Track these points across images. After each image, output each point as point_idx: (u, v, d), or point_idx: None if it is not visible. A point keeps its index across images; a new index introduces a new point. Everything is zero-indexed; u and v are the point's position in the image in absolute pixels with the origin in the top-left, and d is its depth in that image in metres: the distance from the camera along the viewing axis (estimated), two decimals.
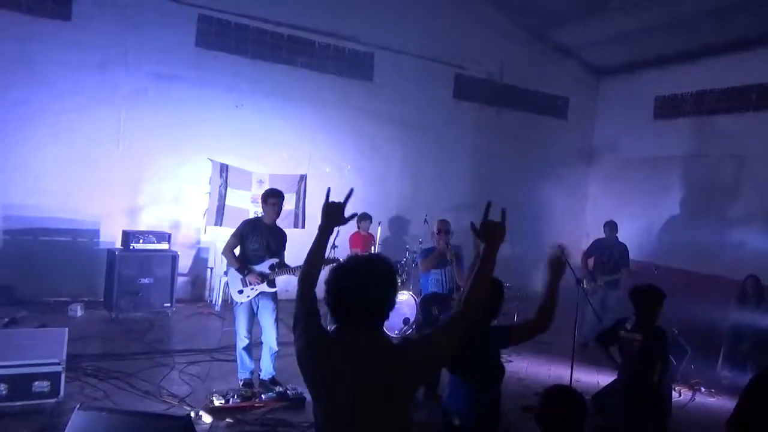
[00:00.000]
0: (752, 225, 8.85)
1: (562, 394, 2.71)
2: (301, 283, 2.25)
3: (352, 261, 2.18)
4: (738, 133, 9.67)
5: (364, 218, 8.45)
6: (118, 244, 7.91)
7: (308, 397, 5.21)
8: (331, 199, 2.30)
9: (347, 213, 2.32)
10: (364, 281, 2.03)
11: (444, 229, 5.81)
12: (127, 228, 8.04)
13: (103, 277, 7.82)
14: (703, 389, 6.61)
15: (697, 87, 10.45)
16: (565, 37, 11.32)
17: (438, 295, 5.77)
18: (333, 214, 2.30)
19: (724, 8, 8.58)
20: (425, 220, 8.87)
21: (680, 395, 6.44)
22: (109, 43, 8.18)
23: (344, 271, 2.09)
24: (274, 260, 5.49)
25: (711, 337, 7.65)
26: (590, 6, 9.74)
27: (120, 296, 7.44)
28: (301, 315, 2.18)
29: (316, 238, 2.31)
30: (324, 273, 2.22)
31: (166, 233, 8.06)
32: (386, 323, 2.22)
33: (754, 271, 7.70)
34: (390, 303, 2.09)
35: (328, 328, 2.27)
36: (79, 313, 7.39)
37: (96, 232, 8.18)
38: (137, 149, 8.40)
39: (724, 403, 6.23)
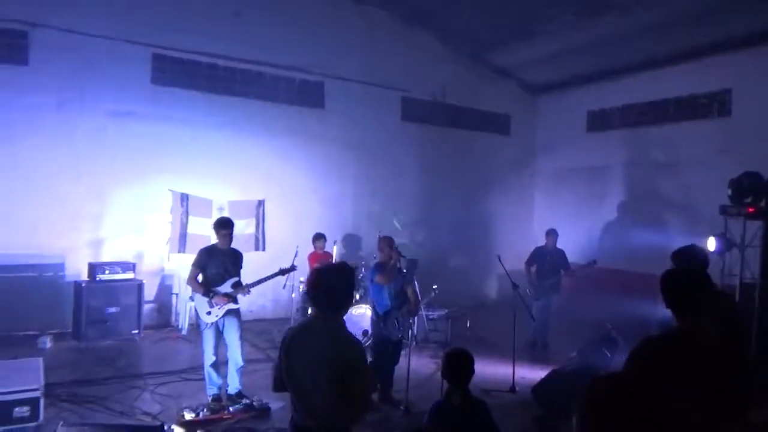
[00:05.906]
0: (676, 225, 9.71)
1: (454, 353, 3.90)
2: None
3: (319, 266, 3.19)
4: (660, 142, 10.62)
5: (319, 238, 8.95)
6: (85, 276, 8.19)
7: (273, 406, 5.70)
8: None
9: None
10: (327, 278, 2.94)
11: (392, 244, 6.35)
12: (92, 260, 8.33)
13: (70, 308, 8.06)
14: None
15: (622, 101, 11.40)
16: (501, 59, 12.18)
17: (392, 308, 6.19)
18: None
19: (635, 31, 9.49)
20: (394, 221, 9.48)
21: None
22: (65, 84, 8.52)
23: (316, 272, 3.08)
24: (234, 279, 5.99)
25: (642, 331, 8.36)
26: (518, 32, 10.64)
27: (88, 326, 7.73)
28: None
29: None
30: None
31: (131, 263, 8.40)
32: None
33: None
34: (344, 294, 2.95)
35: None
36: (48, 344, 7.63)
37: (61, 266, 8.39)
38: (98, 184, 8.72)
39: None
